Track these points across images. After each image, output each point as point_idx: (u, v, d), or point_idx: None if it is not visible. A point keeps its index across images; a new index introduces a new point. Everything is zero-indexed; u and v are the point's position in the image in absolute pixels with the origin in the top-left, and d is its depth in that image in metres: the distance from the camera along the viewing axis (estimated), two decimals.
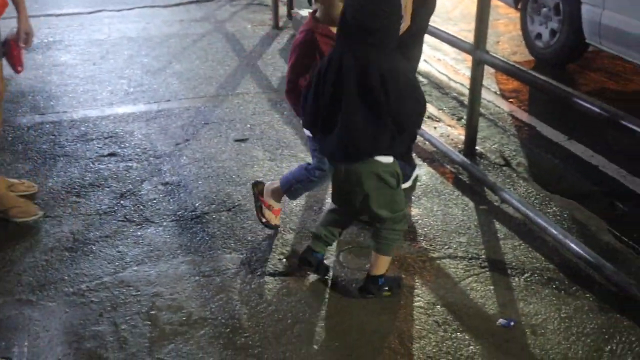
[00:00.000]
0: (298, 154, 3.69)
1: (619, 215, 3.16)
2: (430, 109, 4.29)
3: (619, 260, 2.73)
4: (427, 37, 3.37)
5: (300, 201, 3.21)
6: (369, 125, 2.19)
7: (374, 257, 2.51)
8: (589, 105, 2.71)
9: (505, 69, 3.36)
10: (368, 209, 2.41)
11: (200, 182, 3.40)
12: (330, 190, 3.27)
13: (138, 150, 3.75)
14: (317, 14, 2.58)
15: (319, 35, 2.52)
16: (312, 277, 2.66)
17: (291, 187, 2.89)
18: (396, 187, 2.38)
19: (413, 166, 3.38)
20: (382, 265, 2.51)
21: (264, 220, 2.96)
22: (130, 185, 3.35)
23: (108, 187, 3.34)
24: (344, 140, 2.25)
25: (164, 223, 3.04)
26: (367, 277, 2.54)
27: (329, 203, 3.17)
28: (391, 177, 2.34)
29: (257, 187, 2.98)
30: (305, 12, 5.84)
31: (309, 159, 3.61)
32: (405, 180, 3.31)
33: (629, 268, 2.68)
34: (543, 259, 2.76)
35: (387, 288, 2.53)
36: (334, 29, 2.32)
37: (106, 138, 3.89)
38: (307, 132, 2.59)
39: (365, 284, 2.54)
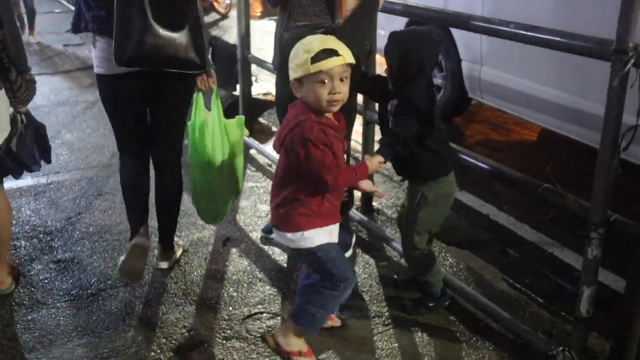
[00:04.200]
0: (197, 221, 3.63)
1: (511, 261, 3.30)
2: None
3: (513, 306, 2.84)
4: None
5: (201, 271, 3.15)
6: None
7: None
8: (472, 160, 2.84)
9: None
10: None
11: (95, 257, 3.27)
12: (232, 258, 3.24)
13: (27, 227, 3.57)
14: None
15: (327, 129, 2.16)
16: (217, 349, 2.59)
17: (307, 314, 2.38)
18: None
19: (352, 233, 3.39)
20: None
21: None
22: (18, 267, 3.17)
23: None
24: None
25: (58, 304, 2.89)
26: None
27: (230, 271, 3.13)
28: None
29: (269, 341, 2.59)
30: None
31: (208, 225, 3.57)
32: (347, 249, 3.28)
33: (523, 314, 2.79)
34: (444, 311, 2.82)
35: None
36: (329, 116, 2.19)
37: None
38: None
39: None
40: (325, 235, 2.30)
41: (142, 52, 2.50)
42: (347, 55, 2.12)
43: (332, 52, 2.09)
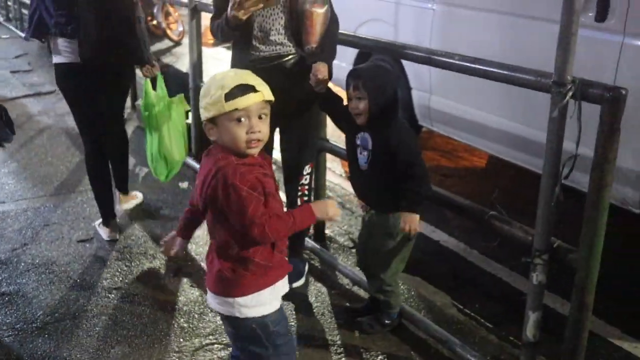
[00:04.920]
0: (147, 251, 3.59)
1: (461, 287, 3.34)
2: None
3: (463, 332, 2.88)
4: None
5: (151, 302, 3.10)
6: None
7: None
8: None
9: (343, 155, 3.51)
10: None
11: (41, 290, 3.19)
12: (183, 288, 3.20)
13: None
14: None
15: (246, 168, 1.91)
16: None
17: None
18: None
19: (304, 261, 3.41)
20: None
21: None
22: None
23: None
24: None
25: (1, 339, 2.80)
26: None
27: (181, 302, 3.09)
28: None
29: None
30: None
31: (159, 255, 3.52)
32: (300, 277, 3.29)
33: (473, 339, 2.83)
34: (397, 339, 2.84)
35: None
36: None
37: None
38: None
39: None
40: (279, 293, 2.07)
41: (99, 51, 3.34)
42: (265, 92, 1.92)
43: (248, 88, 1.88)
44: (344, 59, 5.75)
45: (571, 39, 1.97)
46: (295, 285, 3.21)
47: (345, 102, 2.82)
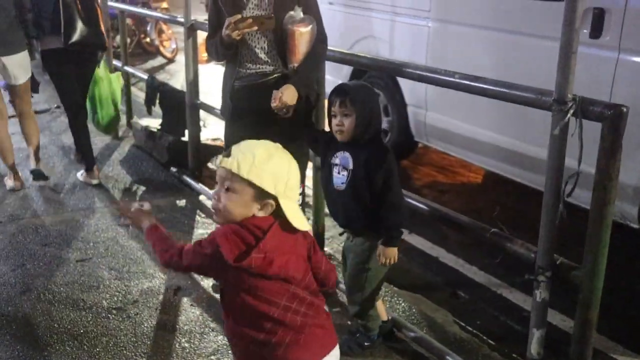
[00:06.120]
0: (147, 270, 3.58)
1: (462, 304, 3.35)
2: None
3: (465, 349, 2.88)
4: None
5: (152, 321, 3.08)
6: None
7: None
8: (417, 204, 2.91)
9: None
10: None
11: (40, 311, 3.17)
12: (183, 307, 3.18)
13: None
14: None
15: None
16: None
17: None
18: None
19: None
20: None
21: None
22: None
23: None
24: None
25: None
26: None
27: (182, 321, 3.08)
28: None
29: None
30: (143, 122, 5.81)
31: (159, 274, 3.51)
32: None
33: (475, 357, 2.83)
34: (399, 357, 2.83)
35: None
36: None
37: None
38: None
39: None
40: None
41: (77, 39, 4.57)
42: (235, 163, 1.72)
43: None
44: (339, 76, 5.78)
45: (571, 57, 1.99)
46: None
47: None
